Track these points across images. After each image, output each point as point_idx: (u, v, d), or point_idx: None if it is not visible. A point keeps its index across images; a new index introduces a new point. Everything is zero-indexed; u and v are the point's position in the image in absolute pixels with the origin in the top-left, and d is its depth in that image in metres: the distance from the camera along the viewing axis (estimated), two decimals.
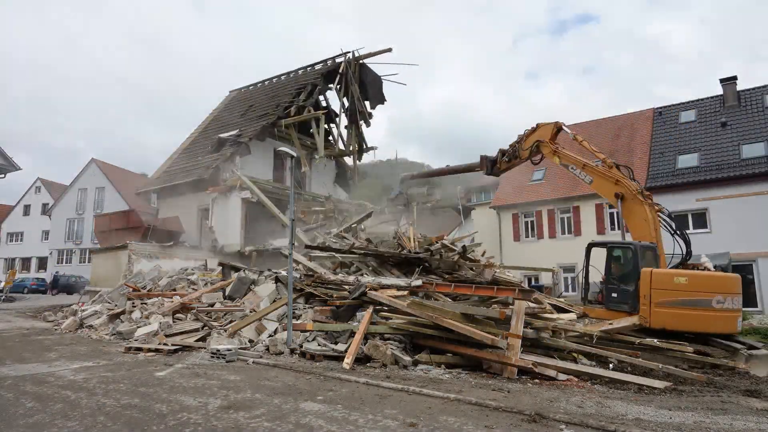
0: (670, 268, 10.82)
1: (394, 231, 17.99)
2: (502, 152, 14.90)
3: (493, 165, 15.17)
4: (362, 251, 14.43)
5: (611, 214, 24.77)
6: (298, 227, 17.81)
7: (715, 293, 9.60)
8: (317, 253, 14.40)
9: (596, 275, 11.60)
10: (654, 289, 9.71)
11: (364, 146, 27.05)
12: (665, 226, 11.50)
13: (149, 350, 9.39)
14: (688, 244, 11.04)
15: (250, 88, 29.33)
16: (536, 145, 13.59)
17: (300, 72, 27.20)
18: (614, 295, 10.62)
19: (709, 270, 10.79)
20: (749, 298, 20.46)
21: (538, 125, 13.78)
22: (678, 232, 11.30)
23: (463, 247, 16.03)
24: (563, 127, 13.34)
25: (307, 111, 23.75)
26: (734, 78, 25.61)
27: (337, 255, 13.95)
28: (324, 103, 26.85)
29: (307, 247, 14.99)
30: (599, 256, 11.60)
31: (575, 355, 8.43)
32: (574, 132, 13.33)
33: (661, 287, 9.69)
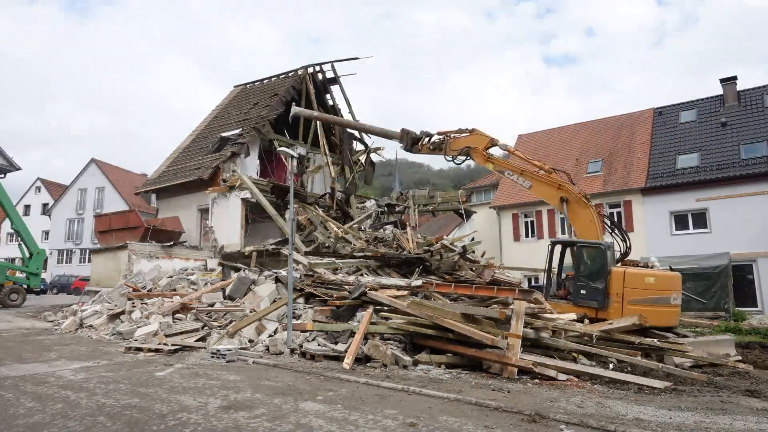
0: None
1: (393, 232, 18.01)
2: (428, 136, 14.63)
3: (413, 143, 14.82)
4: (362, 255, 14.42)
5: (611, 215, 24.76)
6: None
7: (672, 291, 10.55)
8: (317, 260, 14.30)
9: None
10: (627, 287, 10.40)
11: (366, 149, 26.95)
12: (606, 226, 12.43)
13: (149, 350, 9.39)
14: (627, 241, 11.96)
15: (256, 84, 29.17)
16: (466, 150, 13.63)
17: (300, 72, 27.14)
18: (583, 292, 11.16)
19: (659, 269, 11.63)
20: (749, 298, 20.49)
21: (473, 131, 13.76)
22: (617, 230, 12.25)
23: (464, 247, 16.06)
24: (498, 144, 13.54)
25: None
26: (734, 78, 25.63)
27: (337, 261, 13.88)
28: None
29: (307, 253, 14.93)
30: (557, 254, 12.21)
31: (575, 355, 8.43)
32: (505, 144, 13.66)
33: (633, 286, 10.41)
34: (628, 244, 11.87)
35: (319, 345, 9.14)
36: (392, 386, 6.60)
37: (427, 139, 14.58)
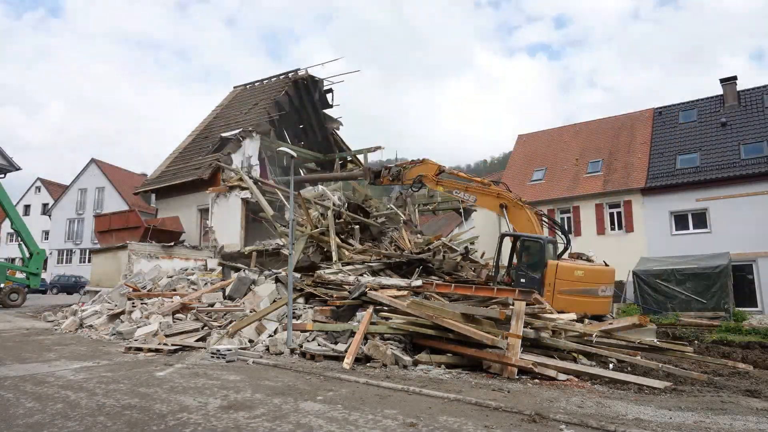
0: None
1: (390, 234, 18.02)
2: (387, 168, 16.93)
3: (375, 177, 17.13)
4: (371, 260, 14.35)
5: (611, 215, 24.78)
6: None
7: (600, 283, 11.45)
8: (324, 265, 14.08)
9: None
10: (558, 279, 11.42)
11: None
12: (547, 224, 13.94)
13: (149, 350, 9.39)
14: (567, 236, 13.24)
15: (256, 84, 29.12)
16: (419, 179, 15.60)
17: (299, 72, 27.08)
18: (523, 280, 12.12)
19: (593, 262, 12.68)
20: (749, 298, 20.47)
21: (423, 161, 15.87)
22: (557, 227, 13.64)
23: (466, 248, 16.09)
24: (445, 170, 15.73)
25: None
26: (734, 78, 25.62)
27: (345, 269, 13.76)
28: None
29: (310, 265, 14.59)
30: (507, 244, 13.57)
31: (575, 355, 8.43)
32: (451, 169, 16.13)
33: (563, 278, 11.44)
34: (568, 239, 13.17)
35: (319, 345, 9.14)
36: (392, 386, 6.60)
37: (386, 171, 16.72)
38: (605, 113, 29.89)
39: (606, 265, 12.59)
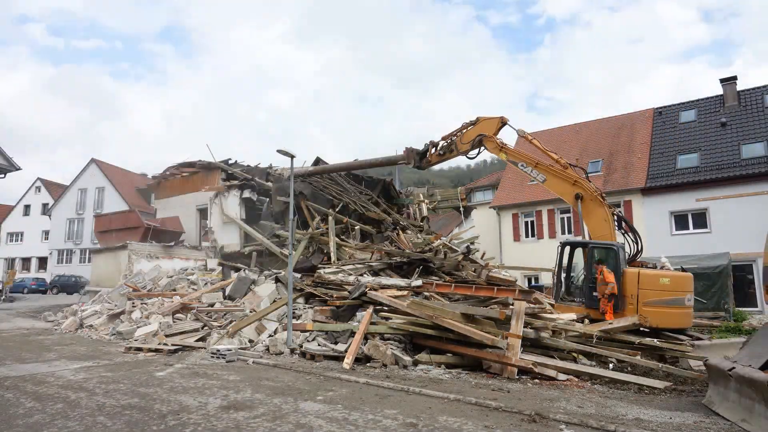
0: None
1: (389, 235, 18.05)
2: (434, 144, 14.35)
3: (422, 158, 14.61)
4: (372, 260, 14.36)
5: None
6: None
7: (686, 292, 10.20)
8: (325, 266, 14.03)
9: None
10: (642, 289, 10.06)
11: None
12: (624, 229, 11.96)
13: (149, 350, 9.40)
14: (640, 241, 11.54)
15: None
16: (479, 140, 13.16)
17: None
18: (595, 294, 10.71)
19: (670, 270, 11.23)
20: (749, 298, 20.48)
21: (478, 119, 13.37)
22: (630, 230, 11.80)
23: (467, 248, 16.09)
24: (507, 122, 13.00)
25: None
26: (734, 78, 25.62)
27: (345, 269, 13.69)
28: None
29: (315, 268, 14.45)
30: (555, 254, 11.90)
31: (575, 355, 8.42)
32: (523, 130, 13.03)
33: (647, 287, 10.05)
34: (640, 246, 11.48)
35: (319, 345, 9.14)
36: (392, 386, 6.60)
37: (433, 148, 14.27)
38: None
39: (683, 270, 11.47)
